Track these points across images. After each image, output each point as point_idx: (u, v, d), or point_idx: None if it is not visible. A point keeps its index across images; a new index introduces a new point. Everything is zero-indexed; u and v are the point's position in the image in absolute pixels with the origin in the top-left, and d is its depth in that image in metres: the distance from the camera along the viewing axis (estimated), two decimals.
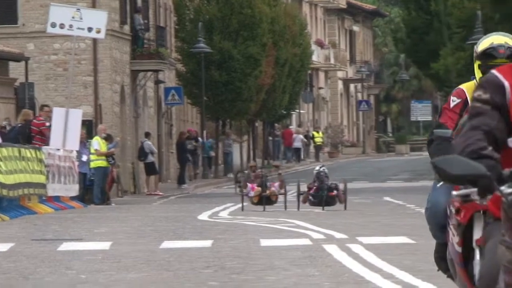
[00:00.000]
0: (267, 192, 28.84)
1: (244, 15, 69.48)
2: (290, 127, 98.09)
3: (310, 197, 30.24)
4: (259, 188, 29.18)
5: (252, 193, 30.27)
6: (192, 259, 19.64)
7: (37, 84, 53.42)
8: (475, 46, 10.06)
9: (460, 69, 65.29)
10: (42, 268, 18.38)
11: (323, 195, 29.72)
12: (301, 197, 34.38)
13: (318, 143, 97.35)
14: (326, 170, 31.43)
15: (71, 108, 39.55)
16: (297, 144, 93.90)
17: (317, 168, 30.93)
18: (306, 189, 32.86)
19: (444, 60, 67.64)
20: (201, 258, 19.88)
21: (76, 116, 38.37)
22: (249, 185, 33.82)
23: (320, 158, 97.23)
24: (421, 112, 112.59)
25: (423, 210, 31.44)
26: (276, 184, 33.65)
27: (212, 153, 73.84)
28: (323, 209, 29.71)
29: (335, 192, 30.64)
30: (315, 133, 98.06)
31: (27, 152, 37.89)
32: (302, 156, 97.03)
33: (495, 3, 67.66)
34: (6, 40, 53.29)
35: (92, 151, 44.95)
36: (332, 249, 19.81)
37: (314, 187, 31.19)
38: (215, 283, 15.88)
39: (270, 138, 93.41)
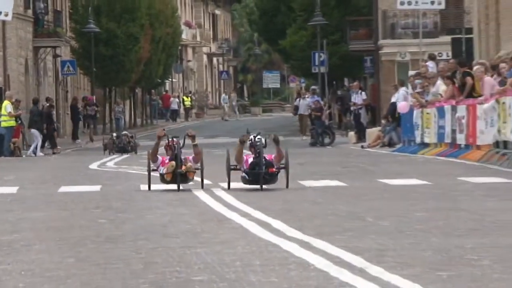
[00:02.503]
0: (182, 168, 19.08)
1: (126, 1, 69.61)
2: (169, 93, 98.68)
3: (244, 174, 19.04)
4: (172, 163, 19.19)
5: (163, 169, 19.85)
6: (85, 201, 19.31)
7: None
8: None
9: (303, 45, 65.93)
10: None
11: (260, 172, 18.53)
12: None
13: (187, 106, 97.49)
14: (263, 140, 19.57)
15: None
16: (174, 106, 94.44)
17: (252, 136, 19.31)
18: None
19: (290, 38, 68.46)
20: (92, 200, 19.66)
21: None
22: (160, 158, 21.32)
23: (189, 118, 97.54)
24: (271, 80, 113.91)
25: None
26: (191, 157, 21.38)
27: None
28: (261, 189, 18.85)
29: (275, 168, 19.06)
30: (184, 97, 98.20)
31: None
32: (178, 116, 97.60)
33: None
34: None
35: (5, 113, 43.86)
36: (199, 193, 19.59)
37: (249, 161, 19.25)
38: (104, 220, 15.71)
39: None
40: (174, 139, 18.60)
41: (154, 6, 73.33)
